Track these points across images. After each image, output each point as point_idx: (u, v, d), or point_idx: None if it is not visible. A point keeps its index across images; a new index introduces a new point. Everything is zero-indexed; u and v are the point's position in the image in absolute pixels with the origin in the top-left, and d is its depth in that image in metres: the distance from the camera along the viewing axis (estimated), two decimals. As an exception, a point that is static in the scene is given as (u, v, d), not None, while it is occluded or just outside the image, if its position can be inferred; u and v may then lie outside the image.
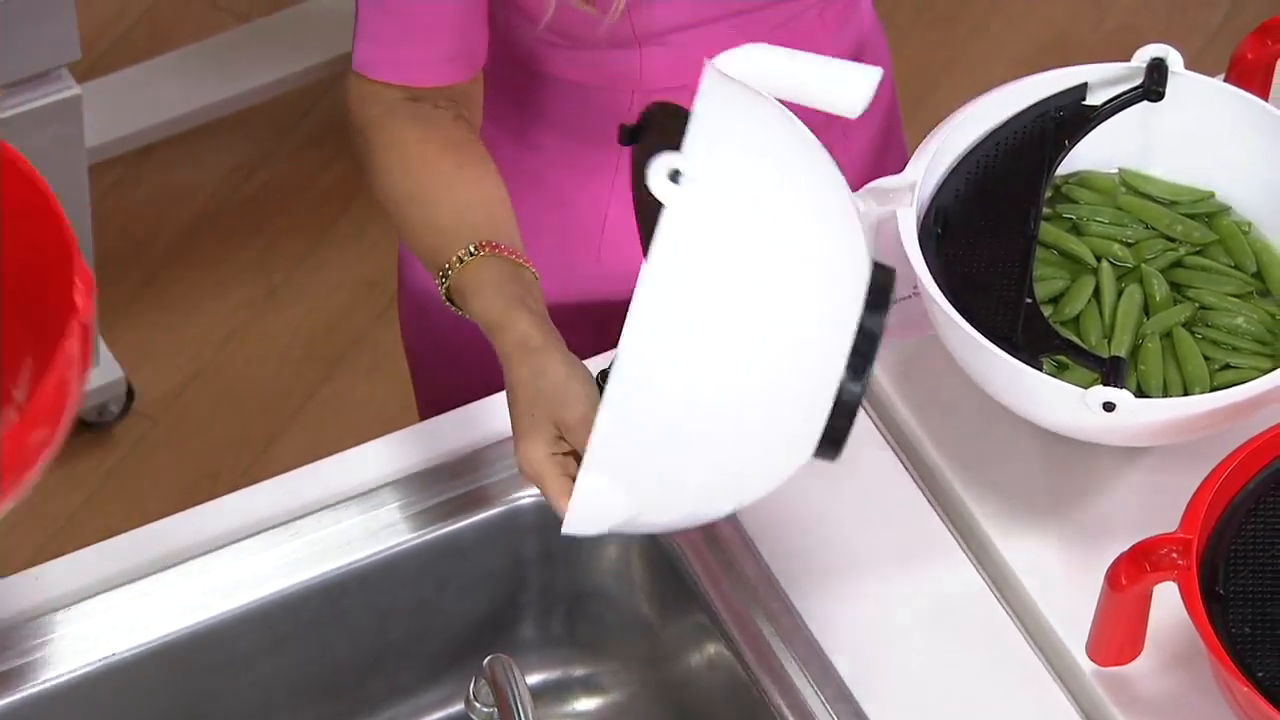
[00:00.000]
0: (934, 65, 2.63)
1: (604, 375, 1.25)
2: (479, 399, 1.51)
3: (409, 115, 1.41)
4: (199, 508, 1.45)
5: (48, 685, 1.38)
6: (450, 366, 1.68)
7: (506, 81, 1.55)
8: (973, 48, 2.67)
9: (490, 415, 1.50)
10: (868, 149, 1.63)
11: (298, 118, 2.61)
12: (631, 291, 1.29)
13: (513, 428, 1.31)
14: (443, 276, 1.36)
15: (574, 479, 1.24)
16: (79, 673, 1.39)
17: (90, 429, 2.39)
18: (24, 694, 1.38)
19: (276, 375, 2.44)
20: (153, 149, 2.54)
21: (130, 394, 2.39)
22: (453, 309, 1.38)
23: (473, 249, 1.36)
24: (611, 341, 1.52)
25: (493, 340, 1.34)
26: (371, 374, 2.43)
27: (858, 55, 1.59)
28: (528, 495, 1.46)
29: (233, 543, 1.43)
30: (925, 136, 1.47)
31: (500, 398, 1.50)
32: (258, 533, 1.44)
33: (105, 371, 2.34)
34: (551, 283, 1.59)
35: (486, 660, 1.32)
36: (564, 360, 1.32)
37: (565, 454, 1.29)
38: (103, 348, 2.35)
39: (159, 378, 2.43)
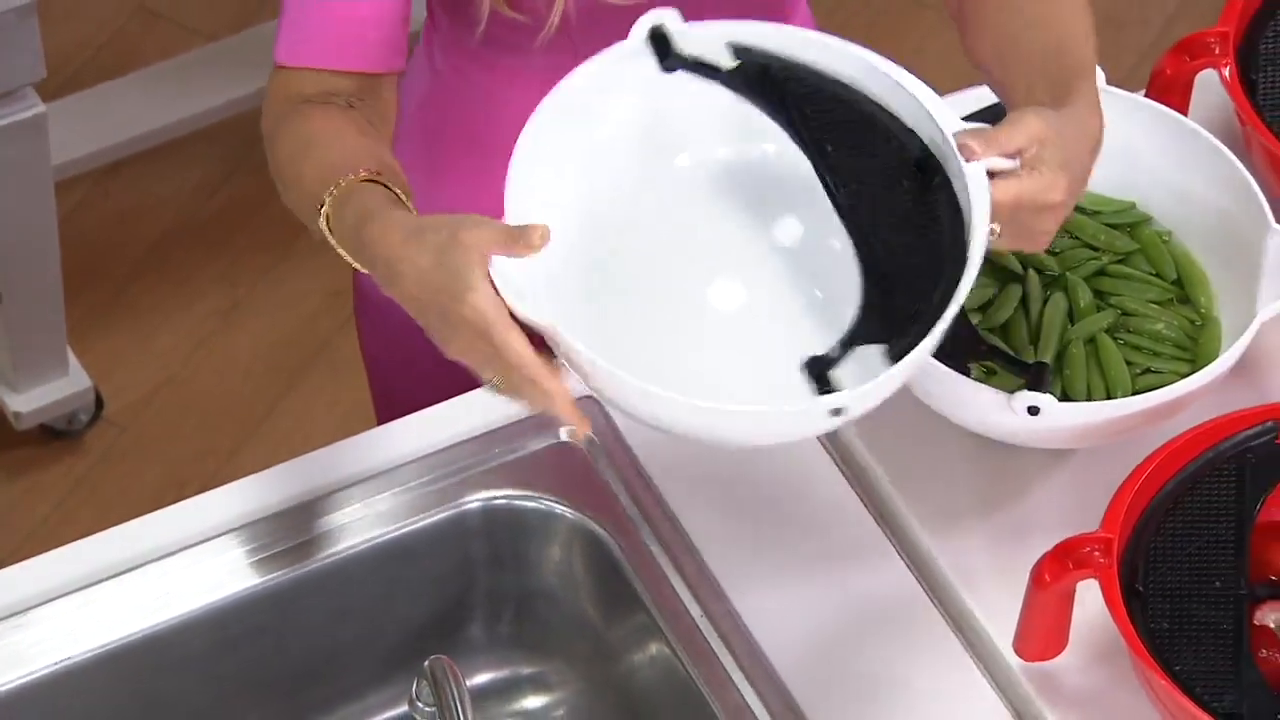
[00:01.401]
0: (878, 80, 2.64)
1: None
2: (433, 404, 1.51)
3: (317, 105, 1.39)
4: (153, 514, 1.45)
5: (4, 689, 1.38)
6: (406, 372, 1.68)
7: (449, 90, 1.55)
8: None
9: (441, 420, 1.50)
10: None
11: (261, 135, 2.60)
12: None
13: (435, 287, 1.22)
14: (329, 196, 1.30)
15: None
16: (35, 676, 1.38)
17: (60, 437, 2.39)
18: (-19, 697, 1.38)
19: (242, 385, 2.44)
20: (120, 165, 2.54)
21: (99, 403, 2.39)
22: (329, 236, 1.31)
23: (362, 174, 1.31)
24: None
25: (366, 236, 1.26)
26: (333, 383, 2.43)
27: None
28: (475, 499, 1.46)
29: (187, 548, 1.43)
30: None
31: (454, 402, 1.50)
32: (211, 538, 1.43)
33: (74, 381, 2.34)
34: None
35: (427, 661, 1.32)
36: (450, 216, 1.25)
37: None
38: (72, 358, 2.35)
39: (127, 387, 2.43)
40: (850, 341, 1.26)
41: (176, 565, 1.42)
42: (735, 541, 1.44)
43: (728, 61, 1.29)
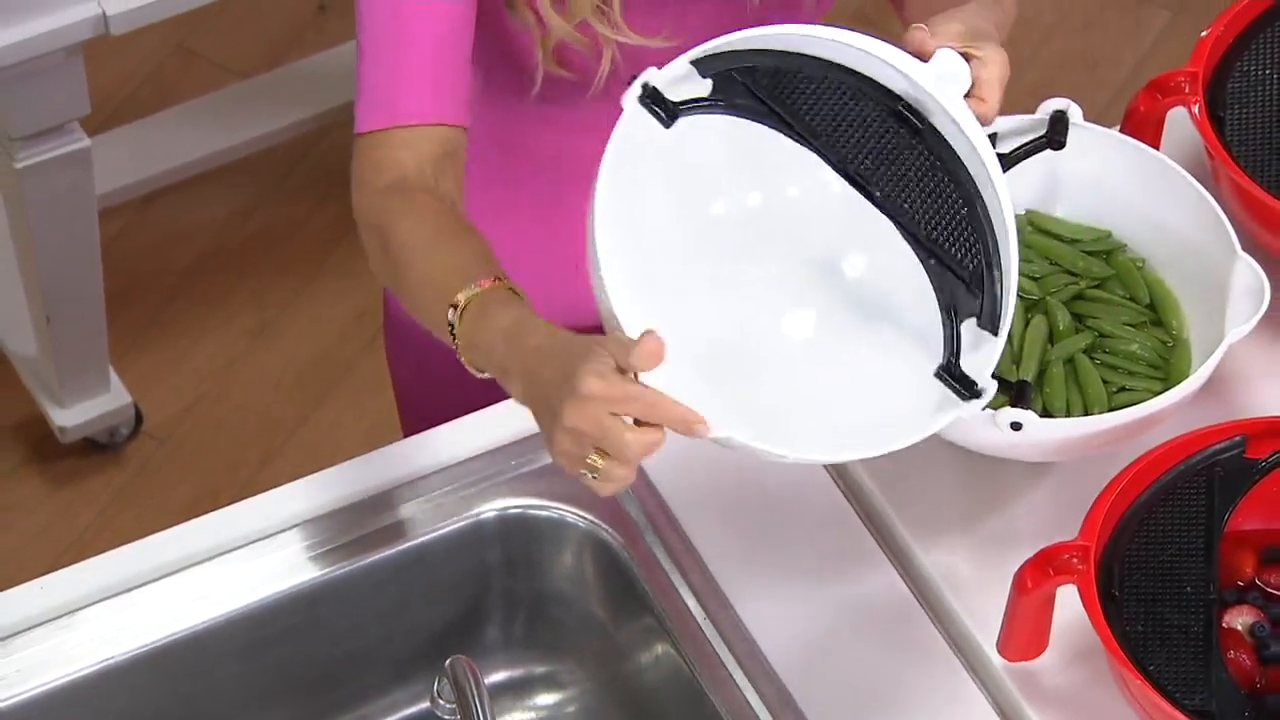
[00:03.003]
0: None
1: None
2: (457, 416, 1.51)
3: (411, 195, 1.37)
4: (189, 523, 1.45)
5: (51, 686, 1.38)
6: (432, 389, 1.68)
7: (487, 127, 1.55)
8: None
9: (459, 435, 1.50)
10: None
11: (291, 165, 2.61)
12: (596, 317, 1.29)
13: (560, 371, 1.20)
14: (465, 301, 1.29)
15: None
16: (80, 675, 1.38)
17: (102, 450, 2.39)
18: (30, 694, 1.38)
19: (272, 400, 2.44)
20: (159, 195, 2.54)
21: (139, 418, 2.39)
22: (453, 343, 1.30)
23: (481, 282, 1.30)
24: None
25: (512, 344, 1.26)
26: (358, 399, 2.43)
27: None
28: (492, 509, 1.46)
29: (221, 554, 1.43)
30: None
31: (471, 418, 1.50)
32: (245, 545, 1.43)
33: (115, 397, 2.34)
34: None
35: (448, 661, 1.32)
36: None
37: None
38: (113, 376, 2.35)
39: (165, 403, 2.43)
40: (954, 319, 1.27)
41: (212, 570, 1.42)
42: (737, 548, 1.44)
43: (704, 89, 1.27)
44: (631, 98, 1.25)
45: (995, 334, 1.28)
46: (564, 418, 1.19)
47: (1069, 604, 1.35)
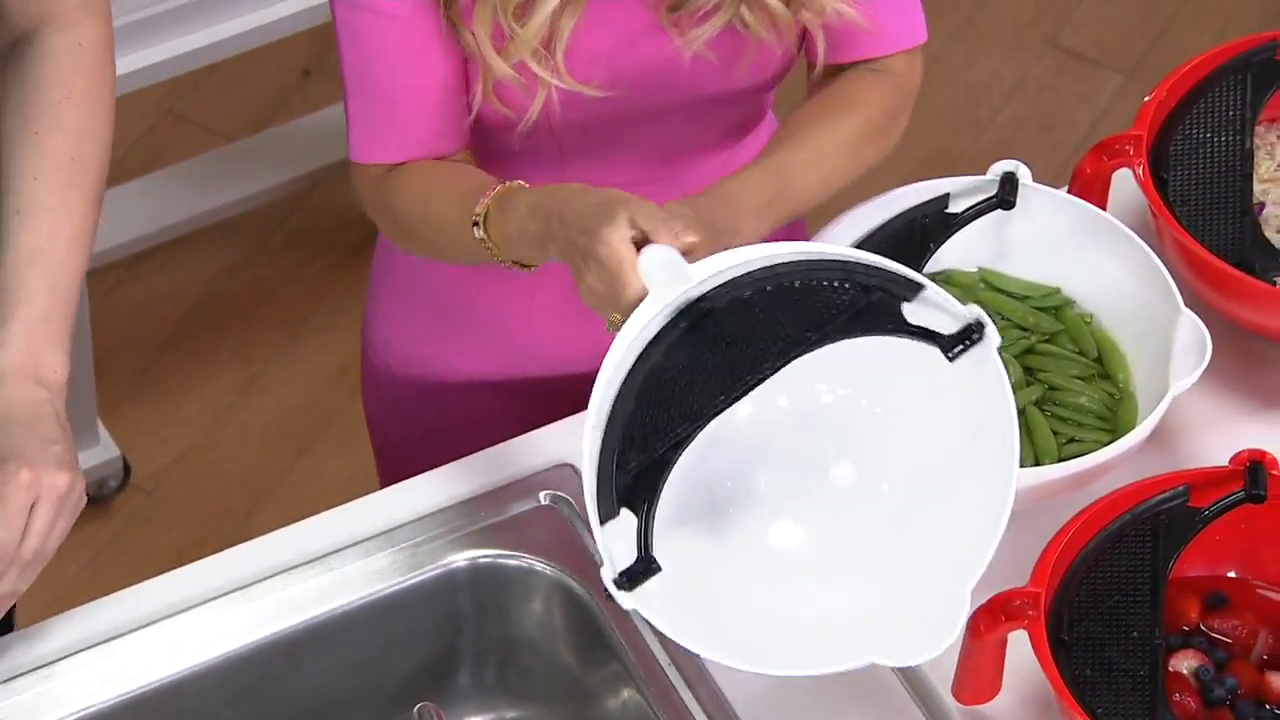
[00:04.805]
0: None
1: None
2: (430, 465, 1.51)
3: (399, 168, 1.44)
4: (172, 572, 1.44)
5: (35, 733, 1.38)
6: (406, 436, 1.68)
7: None
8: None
9: (432, 486, 1.49)
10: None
11: (276, 225, 2.61)
12: (559, 366, 1.29)
13: (578, 228, 1.26)
14: (486, 202, 1.36)
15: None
16: (63, 722, 1.38)
17: (91, 502, 2.36)
18: (13, 741, 1.37)
19: (257, 452, 2.43)
20: (147, 254, 2.54)
21: (127, 470, 2.38)
22: (494, 257, 1.36)
23: (488, 193, 1.36)
24: (541, 413, 1.52)
25: (538, 215, 1.32)
26: (341, 451, 2.43)
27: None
28: (463, 558, 1.46)
29: (203, 603, 1.42)
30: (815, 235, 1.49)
31: (443, 470, 1.50)
32: (226, 594, 1.43)
33: (104, 451, 2.34)
34: (485, 357, 1.59)
35: (416, 708, 1.31)
36: None
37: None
38: (102, 430, 2.35)
39: (153, 455, 2.42)
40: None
41: (190, 620, 1.41)
42: (700, 596, 1.44)
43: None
44: (621, 595, 1.22)
45: (979, 339, 1.24)
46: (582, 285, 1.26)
47: (1021, 649, 1.35)
